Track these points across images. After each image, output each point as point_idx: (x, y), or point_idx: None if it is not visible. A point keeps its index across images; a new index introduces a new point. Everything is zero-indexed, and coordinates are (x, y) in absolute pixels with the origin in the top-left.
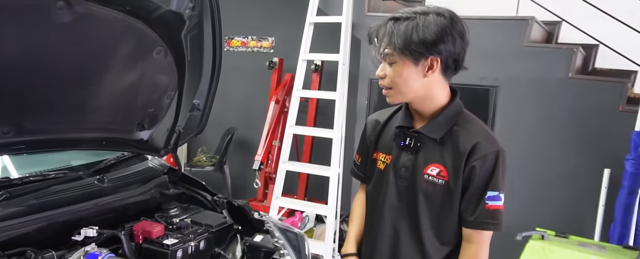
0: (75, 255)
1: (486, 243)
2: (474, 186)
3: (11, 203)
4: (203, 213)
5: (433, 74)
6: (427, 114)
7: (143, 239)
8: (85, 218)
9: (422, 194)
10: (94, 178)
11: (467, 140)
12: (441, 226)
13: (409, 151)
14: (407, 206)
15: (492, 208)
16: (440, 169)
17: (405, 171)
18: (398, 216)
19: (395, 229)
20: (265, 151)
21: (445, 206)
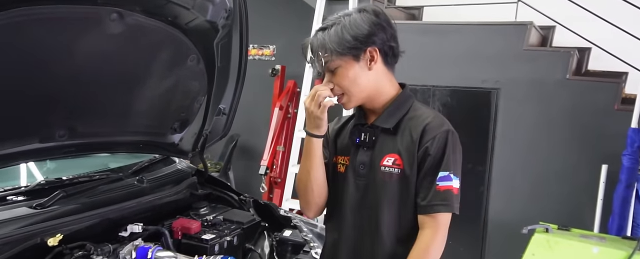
0: (126, 249)
1: (440, 228)
2: (425, 168)
3: (67, 201)
4: (232, 211)
5: (376, 64)
6: (379, 109)
7: (182, 235)
8: (128, 216)
9: (380, 188)
10: (134, 179)
11: (418, 124)
12: (402, 221)
13: (365, 147)
14: (367, 204)
15: (443, 188)
16: (395, 158)
17: (363, 167)
18: (359, 216)
19: (357, 230)
20: (270, 157)
21: (403, 197)
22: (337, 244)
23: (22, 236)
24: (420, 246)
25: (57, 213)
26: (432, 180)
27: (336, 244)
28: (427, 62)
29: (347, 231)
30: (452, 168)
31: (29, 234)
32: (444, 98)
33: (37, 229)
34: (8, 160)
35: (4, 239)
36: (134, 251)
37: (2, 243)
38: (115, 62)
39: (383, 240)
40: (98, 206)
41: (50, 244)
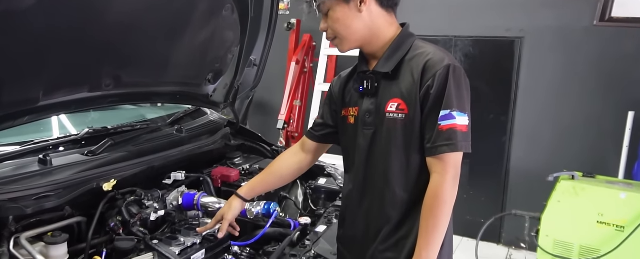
0: (172, 195)
1: (449, 170)
2: (427, 108)
3: (115, 149)
4: (265, 161)
5: (367, 6)
6: (379, 53)
7: (221, 183)
8: (169, 164)
9: (387, 136)
10: (172, 129)
11: (418, 63)
12: (411, 168)
13: (369, 95)
14: (375, 153)
15: (446, 127)
16: (398, 102)
17: (369, 116)
18: (369, 166)
19: (368, 180)
20: (287, 111)
21: (410, 143)
22: (351, 196)
23: (80, 180)
24: (430, 193)
25: (108, 160)
26: (435, 120)
27: (350, 195)
28: (449, 11)
29: (359, 182)
30: (455, 105)
31: (85, 179)
32: (466, 49)
33: (92, 175)
34: (59, 109)
35: (65, 184)
36: (180, 197)
37: (64, 187)
38: (159, 11)
39: (392, 189)
40: (143, 154)
41: (106, 189)
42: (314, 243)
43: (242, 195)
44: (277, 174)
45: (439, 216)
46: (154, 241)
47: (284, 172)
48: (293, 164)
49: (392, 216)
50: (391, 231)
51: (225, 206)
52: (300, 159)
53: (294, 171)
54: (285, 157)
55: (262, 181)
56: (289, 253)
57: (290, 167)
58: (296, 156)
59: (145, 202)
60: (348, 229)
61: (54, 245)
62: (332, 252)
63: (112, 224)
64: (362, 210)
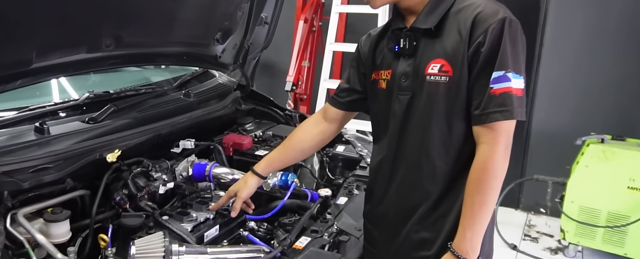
0: (181, 165)
1: (499, 141)
2: (477, 69)
3: (118, 116)
4: (279, 127)
5: None
6: (419, 7)
7: (233, 151)
8: (177, 132)
9: (427, 101)
10: (180, 93)
11: (467, 17)
12: (454, 138)
13: (406, 55)
14: (413, 121)
15: (499, 91)
16: (442, 63)
17: (405, 79)
18: (405, 135)
19: (403, 151)
20: (296, 72)
21: (454, 109)
22: (381, 168)
23: (81, 151)
24: (478, 165)
25: (111, 128)
26: (486, 83)
27: (380, 167)
28: None
29: (391, 153)
30: (510, 65)
31: (87, 149)
32: None
33: (94, 145)
34: (55, 71)
35: (65, 154)
36: (190, 167)
37: (64, 158)
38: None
39: (431, 160)
40: (149, 121)
41: (110, 160)
42: (336, 216)
43: (258, 172)
44: (297, 147)
45: (487, 192)
46: (164, 217)
47: (305, 145)
48: (315, 135)
49: (431, 191)
50: (429, 208)
51: (239, 181)
52: (322, 130)
53: (316, 143)
54: (306, 128)
55: (281, 155)
56: (310, 228)
57: (312, 139)
58: (318, 125)
59: (153, 173)
60: (377, 205)
61: (54, 223)
62: (356, 227)
63: (117, 198)
64: (395, 184)
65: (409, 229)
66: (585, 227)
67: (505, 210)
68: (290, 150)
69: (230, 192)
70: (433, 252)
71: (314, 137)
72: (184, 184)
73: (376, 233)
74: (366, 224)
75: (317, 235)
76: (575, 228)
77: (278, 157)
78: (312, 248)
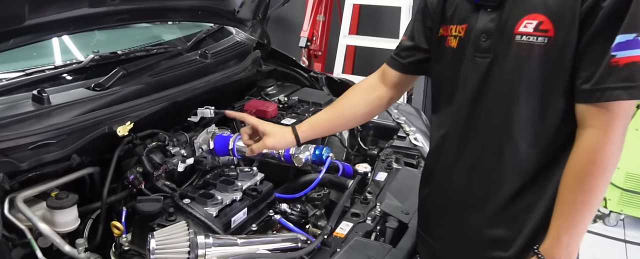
0: (201, 137)
1: (615, 126)
2: (593, 30)
3: (128, 81)
4: (304, 91)
5: None
6: None
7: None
8: (194, 98)
9: (515, 68)
10: (195, 53)
11: None
12: (547, 117)
13: (488, 7)
14: (493, 93)
15: (624, 61)
16: (540, 20)
17: (485, 38)
18: (480, 107)
19: (476, 127)
20: (310, 27)
21: (550, 81)
22: (444, 145)
23: (87, 123)
24: (583, 155)
25: (121, 96)
26: (605, 49)
27: (443, 144)
28: None
29: (459, 128)
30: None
31: (94, 121)
32: None
33: (102, 116)
34: (53, 29)
35: (69, 128)
36: (211, 140)
37: (68, 132)
38: None
39: (515, 142)
40: (163, 86)
41: (120, 134)
42: (377, 196)
43: (299, 133)
44: (347, 113)
45: (594, 189)
46: (185, 200)
47: (358, 112)
48: (370, 101)
49: (511, 179)
50: (507, 200)
51: (276, 128)
52: (379, 95)
53: (370, 111)
54: (360, 92)
55: (327, 121)
56: (350, 210)
57: (366, 105)
58: (374, 90)
59: (170, 148)
60: (439, 191)
61: (59, 210)
62: (403, 210)
63: (131, 177)
64: (463, 166)
65: (479, 223)
66: (631, 195)
67: None
68: (339, 116)
69: (261, 127)
70: (511, 254)
71: (369, 104)
72: (204, 159)
73: (436, 223)
74: (422, 210)
75: (359, 219)
76: (620, 195)
77: (324, 121)
78: (357, 237)
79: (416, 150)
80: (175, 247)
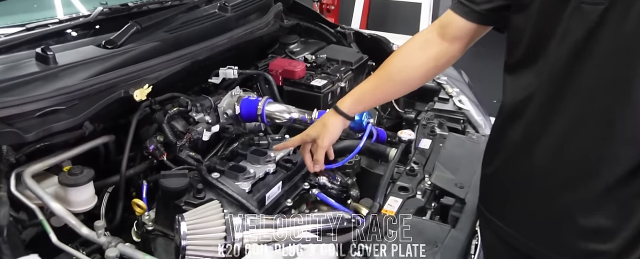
0: (225, 101)
1: None
2: None
3: (142, 37)
4: (331, 48)
5: None
6: None
7: (283, 81)
8: (214, 56)
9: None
10: (214, 6)
11: None
12: None
13: None
14: (605, 51)
15: None
16: None
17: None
18: (587, 70)
19: (576, 94)
20: None
21: None
22: (527, 108)
23: (100, 86)
24: None
25: (135, 54)
26: None
27: (524, 107)
28: None
29: (551, 91)
30: None
31: (107, 84)
32: None
33: (116, 78)
34: None
35: (80, 92)
36: (237, 104)
37: (79, 97)
38: None
39: (634, 111)
40: (182, 43)
41: (138, 98)
42: (424, 166)
43: (344, 110)
44: (398, 78)
45: None
46: (214, 175)
47: (411, 75)
48: (425, 62)
49: (625, 156)
50: (617, 180)
51: (317, 124)
52: (436, 54)
53: (425, 73)
54: (411, 52)
55: (375, 91)
56: (396, 183)
57: (421, 66)
58: (429, 48)
59: (193, 114)
60: (513, 166)
61: (74, 187)
62: (457, 184)
63: (151, 147)
64: (550, 138)
65: (571, 208)
66: None
67: None
68: (388, 82)
69: (306, 137)
70: (612, 247)
71: (424, 65)
72: (231, 126)
73: (507, 204)
74: (488, 188)
75: (408, 194)
76: None
77: (370, 92)
78: (412, 216)
79: (461, 114)
80: (210, 231)
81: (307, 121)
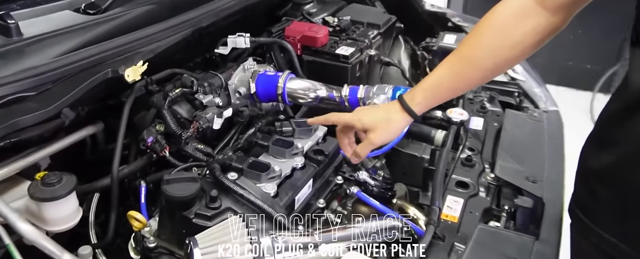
0: (236, 76)
1: None
2: None
3: (134, 0)
4: (352, 8)
5: None
6: None
7: (301, 49)
8: (218, 22)
9: None
10: None
11: None
12: None
13: None
14: None
15: None
16: None
17: None
18: None
19: None
20: None
21: None
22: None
23: (79, 65)
24: None
25: (124, 22)
26: None
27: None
28: None
29: None
30: None
31: (89, 61)
32: None
33: (101, 53)
34: None
35: (53, 74)
36: (252, 81)
37: (52, 79)
38: None
39: None
40: (180, 7)
41: (130, 80)
42: (481, 154)
43: (413, 108)
44: (489, 62)
45: None
46: (231, 174)
47: (507, 56)
48: (522, 38)
49: None
50: None
51: (375, 112)
52: (535, 27)
53: (522, 51)
54: (506, 25)
55: (456, 78)
56: (451, 176)
57: (516, 45)
58: (527, 19)
59: (201, 96)
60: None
61: (49, 202)
62: (528, 177)
63: (149, 139)
64: None
65: None
66: None
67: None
68: (472, 68)
69: (357, 123)
70: None
71: (521, 41)
72: (246, 109)
73: (631, 217)
74: (593, 191)
75: (469, 191)
76: None
77: (449, 82)
78: (480, 225)
79: (515, 85)
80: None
81: (336, 99)
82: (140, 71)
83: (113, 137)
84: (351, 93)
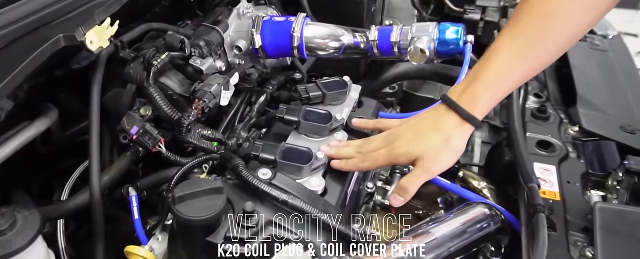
0: (232, 26)
1: None
2: None
3: None
4: None
5: None
6: None
7: None
8: None
9: None
10: None
11: None
12: None
13: None
14: None
15: None
16: None
17: None
18: None
19: None
20: None
21: None
22: None
23: (12, 31)
24: None
25: None
26: None
27: None
28: None
29: None
30: None
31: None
32: None
33: (43, 9)
34: None
35: None
36: (256, 31)
37: None
38: None
39: None
40: None
41: (94, 48)
42: (548, 100)
43: (478, 116)
44: (563, 38)
45: None
46: (262, 173)
47: (580, 22)
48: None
49: None
50: None
51: (432, 141)
52: None
53: (600, 15)
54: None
55: (525, 63)
56: (529, 135)
57: (597, 8)
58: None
59: (197, 62)
60: None
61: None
62: (622, 126)
63: (133, 130)
64: None
65: None
66: None
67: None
68: (566, 22)
69: (402, 157)
70: None
71: (600, 4)
72: (254, 71)
73: None
74: None
75: (556, 154)
76: None
77: (514, 70)
78: (600, 204)
79: None
80: None
81: (361, 46)
82: (108, 34)
83: (69, 120)
84: (381, 37)
